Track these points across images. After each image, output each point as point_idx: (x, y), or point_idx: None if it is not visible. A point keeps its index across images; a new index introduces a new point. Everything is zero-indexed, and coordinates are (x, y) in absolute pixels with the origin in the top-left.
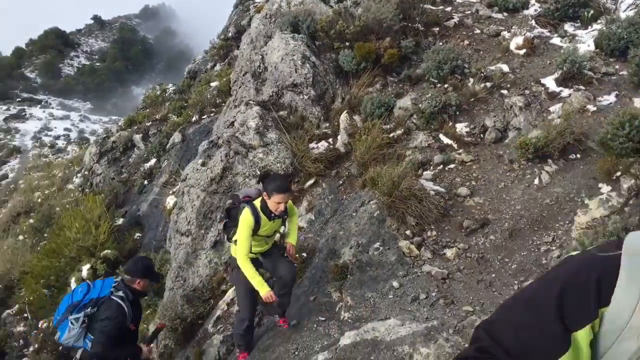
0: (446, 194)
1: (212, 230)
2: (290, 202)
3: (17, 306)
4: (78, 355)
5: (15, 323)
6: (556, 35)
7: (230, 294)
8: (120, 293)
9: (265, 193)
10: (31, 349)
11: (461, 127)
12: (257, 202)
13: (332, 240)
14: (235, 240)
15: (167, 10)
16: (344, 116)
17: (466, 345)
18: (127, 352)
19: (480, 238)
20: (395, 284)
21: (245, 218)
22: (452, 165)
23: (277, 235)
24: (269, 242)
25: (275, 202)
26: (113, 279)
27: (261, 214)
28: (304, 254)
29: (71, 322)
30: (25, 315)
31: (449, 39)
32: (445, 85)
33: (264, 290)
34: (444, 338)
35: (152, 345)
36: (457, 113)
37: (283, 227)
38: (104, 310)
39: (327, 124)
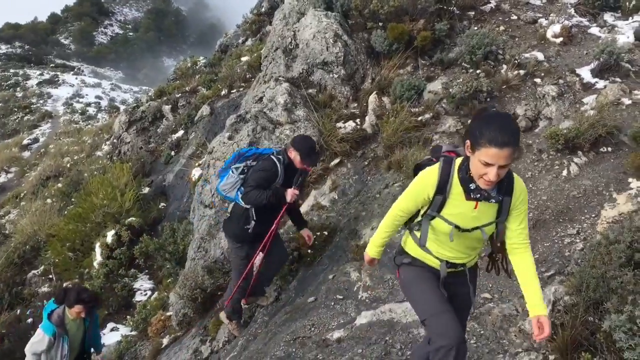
0: None
1: None
2: (518, 180)
3: (42, 267)
4: (229, 209)
5: (40, 283)
6: (595, 24)
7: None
8: (279, 156)
9: (467, 143)
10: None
11: None
12: (460, 162)
13: (354, 220)
14: (413, 226)
15: None
16: (372, 97)
17: (482, 331)
18: (275, 196)
19: None
20: None
21: (425, 176)
22: None
23: (481, 249)
24: (463, 248)
25: (482, 163)
26: (275, 149)
27: (455, 179)
28: (325, 232)
29: (232, 170)
30: (50, 276)
31: (484, 24)
32: (478, 71)
33: (368, 250)
34: None
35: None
36: (488, 99)
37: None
38: (260, 163)
39: (356, 104)
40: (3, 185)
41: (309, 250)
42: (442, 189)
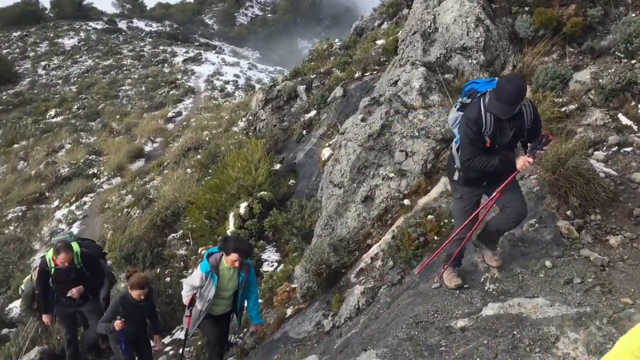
0: (618, 177)
1: (364, 185)
2: None
3: (181, 231)
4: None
5: (178, 246)
6: None
7: (375, 249)
8: (487, 98)
9: None
10: (190, 271)
11: None
12: None
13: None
14: None
15: None
16: None
17: (619, 336)
18: (502, 165)
19: None
20: (548, 263)
21: None
22: (628, 149)
23: None
24: None
25: None
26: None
27: None
28: (452, 220)
29: (455, 104)
30: (188, 240)
31: None
32: (633, 61)
33: None
34: (596, 326)
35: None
36: None
37: None
38: (467, 110)
39: None
40: (149, 153)
41: (435, 237)
42: None
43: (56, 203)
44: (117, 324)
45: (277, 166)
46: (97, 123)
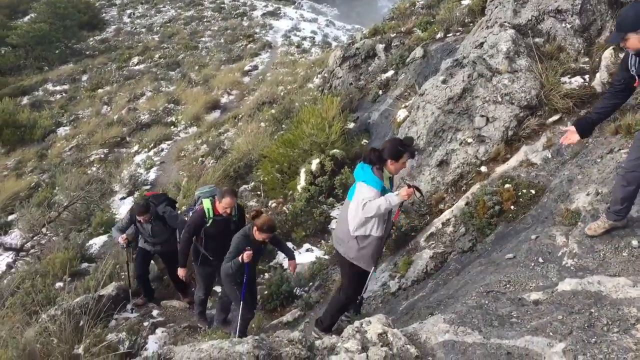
0: None
1: (440, 149)
2: None
3: (252, 183)
4: None
5: (249, 197)
6: None
7: (447, 214)
8: None
9: None
10: None
11: None
12: None
13: (567, 182)
14: None
15: None
16: (608, 52)
17: None
18: None
19: None
20: (634, 242)
21: None
22: None
23: None
24: None
25: None
26: None
27: None
28: (532, 191)
29: None
30: (259, 192)
31: None
32: None
33: None
34: None
35: None
36: None
37: None
38: None
39: (587, 59)
40: (225, 105)
41: (512, 207)
42: None
43: (136, 148)
44: (247, 254)
45: (351, 125)
46: (177, 73)
